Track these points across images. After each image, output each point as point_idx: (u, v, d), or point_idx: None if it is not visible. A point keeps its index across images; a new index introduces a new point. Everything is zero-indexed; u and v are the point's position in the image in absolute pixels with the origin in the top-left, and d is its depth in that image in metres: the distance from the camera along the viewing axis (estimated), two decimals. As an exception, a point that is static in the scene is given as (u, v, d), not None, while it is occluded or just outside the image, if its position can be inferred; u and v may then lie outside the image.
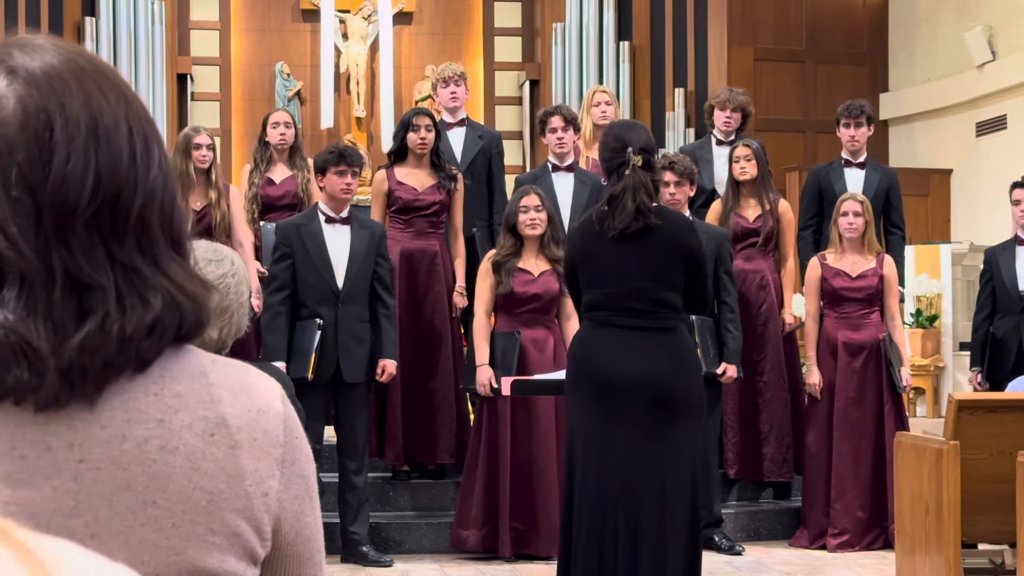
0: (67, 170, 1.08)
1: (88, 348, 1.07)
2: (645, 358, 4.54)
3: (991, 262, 7.61)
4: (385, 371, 6.63)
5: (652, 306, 4.59)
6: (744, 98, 7.96)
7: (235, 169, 11.67)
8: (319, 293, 6.54)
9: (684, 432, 4.57)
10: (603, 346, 4.60)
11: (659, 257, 4.61)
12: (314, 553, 1.24)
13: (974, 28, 11.40)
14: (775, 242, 7.44)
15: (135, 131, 1.13)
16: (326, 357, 6.49)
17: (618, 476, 4.52)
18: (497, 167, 7.72)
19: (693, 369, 4.68)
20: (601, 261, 4.66)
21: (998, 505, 4.86)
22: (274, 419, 1.18)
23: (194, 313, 1.14)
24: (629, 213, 4.59)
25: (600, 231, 4.66)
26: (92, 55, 1.17)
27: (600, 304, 4.65)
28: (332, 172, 6.56)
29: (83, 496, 1.08)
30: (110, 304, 1.08)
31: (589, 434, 4.57)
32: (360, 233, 6.63)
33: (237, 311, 2.98)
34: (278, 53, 13.06)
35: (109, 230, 1.10)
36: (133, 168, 1.12)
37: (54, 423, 1.08)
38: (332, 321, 6.53)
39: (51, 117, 1.09)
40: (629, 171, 4.63)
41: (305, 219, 6.70)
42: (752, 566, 6.63)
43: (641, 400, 4.51)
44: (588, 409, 4.59)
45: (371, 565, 6.57)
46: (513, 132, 13.01)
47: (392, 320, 6.68)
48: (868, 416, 7.05)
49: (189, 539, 1.11)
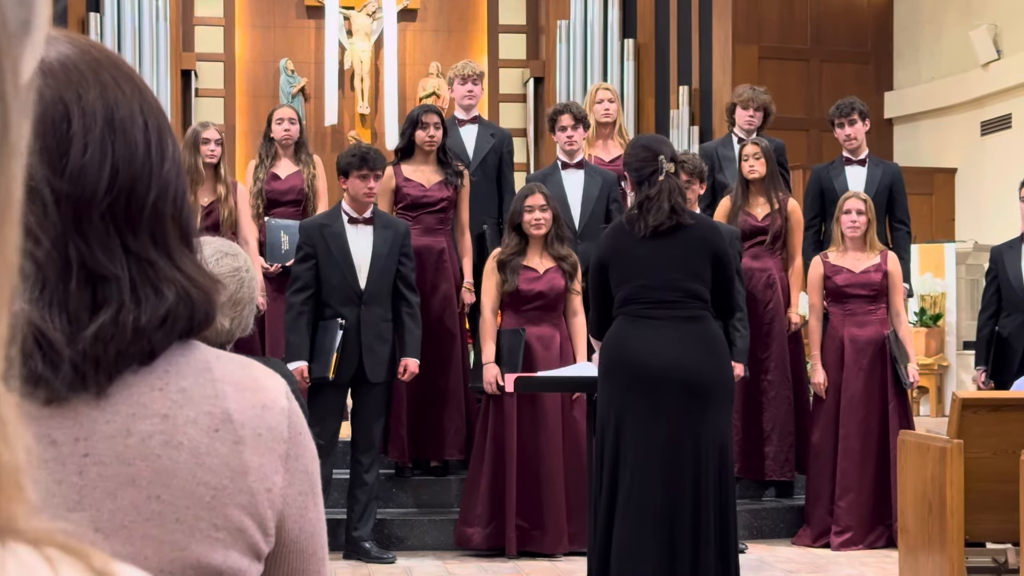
0: (84, 161, 1.08)
1: (102, 339, 1.07)
2: (679, 347, 4.71)
3: (997, 261, 7.60)
4: (407, 370, 6.65)
5: (682, 296, 4.77)
6: (766, 97, 7.96)
7: (239, 165, 11.68)
8: (342, 293, 6.57)
9: (719, 417, 4.75)
10: (638, 337, 4.75)
11: (689, 252, 4.82)
12: (317, 549, 1.24)
13: (979, 27, 11.39)
14: (783, 241, 7.44)
15: (149, 123, 1.14)
16: (348, 357, 6.51)
17: (662, 464, 4.65)
18: (507, 165, 7.74)
19: (724, 354, 4.88)
20: (632, 257, 4.82)
21: (1002, 504, 4.86)
22: (279, 415, 1.18)
23: (205, 306, 1.14)
24: (664, 212, 4.80)
25: (631, 232, 4.85)
26: (105, 47, 1.17)
27: (632, 298, 4.80)
28: (355, 176, 6.60)
29: (87, 491, 1.08)
30: (125, 295, 1.09)
31: (628, 424, 4.70)
32: (383, 233, 6.66)
33: (248, 305, 3.05)
34: (282, 49, 13.06)
35: (124, 221, 1.10)
36: (148, 160, 1.12)
37: (59, 417, 1.08)
38: (355, 321, 6.56)
39: (68, 108, 1.09)
40: (663, 177, 4.84)
41: (328, 219, 6.74)
42: (755, 564, 6.63)
43: (677, 388, 4.66)
44: (625, 399, 4.72)
45: (373, 561, 6.58)
46: (517, 129, 13.00)
47: (416, 319, 6.70)
48: (873, 413, 7.05)
49: (193, 534, 1.11)
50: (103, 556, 0.57)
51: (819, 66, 12.30)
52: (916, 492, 5.14)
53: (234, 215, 7.10)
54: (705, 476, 4.67)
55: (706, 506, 4.68)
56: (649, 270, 4.79)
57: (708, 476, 4.69)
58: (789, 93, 12.09)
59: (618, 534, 4.70)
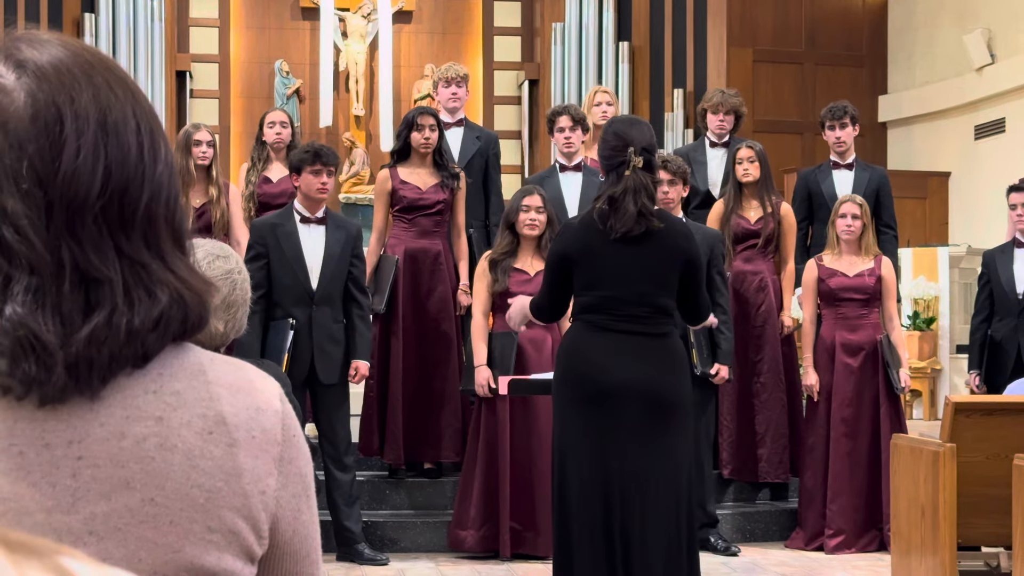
0: (77, 163, 1.08)
1: (95, 341, 1.07)
2: (640, 362, 4.51)
3: (989, 265, 7.62)
4: (358, 372, 6.60)
5: (651, 311, 4.56)
6: (737, 100, 7.97)
7: (233, 166, 11.67)
8: (293, 294, 6.50)
9: (679, 435, 4.58)
10: (598, 350, 4.54)
11: (660, 262, 4.58)
12: (311, 552, 1.24)
13: (973, 31, 11.40)
14: (775, 244, 7.46)
15: (142, 126, 1.14)
16: (300, 358, 6.46)
17: (618, 481, 4.48)
18: (494, 168, 7.72)
19: (684, 372, 4.68)
20: (602, 263, 4.58)
21: (994, 508, 4.86)
22: (272, 417, 1.19)
23: (198, 308, 1.14)
24: (631, 216, 4.53)
25: (603, 230, 4.58)
26: (96, 50, 1.17)
27: (597, 307, 4.57)
28: (308, 171, 6.50)
29: (81, 493, 1.08)
30: (118, 297, 1.09)
31: (584, 439, 4.51)
32: (335, 234, 6.58)
33: (241, 307, 3.03)
34: (277, 51, 13.06)
35: (117, 224, 1.10)
36: (141, 162, 1.12)
37: (53, 420, 1.08)
38: (306, 322, 6.49)
39: (61, 111, 1.09)
40: (629, 171, 4.55)
41: (280, 218, 6.64)
42: (748, 567, 6.63)
43: (637, 404, 4.48)
44: (582, 413, 4.54)
45: (367, 563, 6.57)
46: (512, 132, 13.01)
47: (367, 321, 6.65)
48: (865, 417, 7.06)
49: (187, 537, 1.11)
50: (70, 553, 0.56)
51: (813, 69, 12.31)
52: (909, 496, 5.15)
53: (226, 216, 7.10)
54: (675, 495, 4.50)
55: (683, 524, 4.52)
56: (618, 280, 4.54)
57: (680, 494, 4.52)
58: (783, 96, 12.11)
59: (578, 557, 4.52)
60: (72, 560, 0.55)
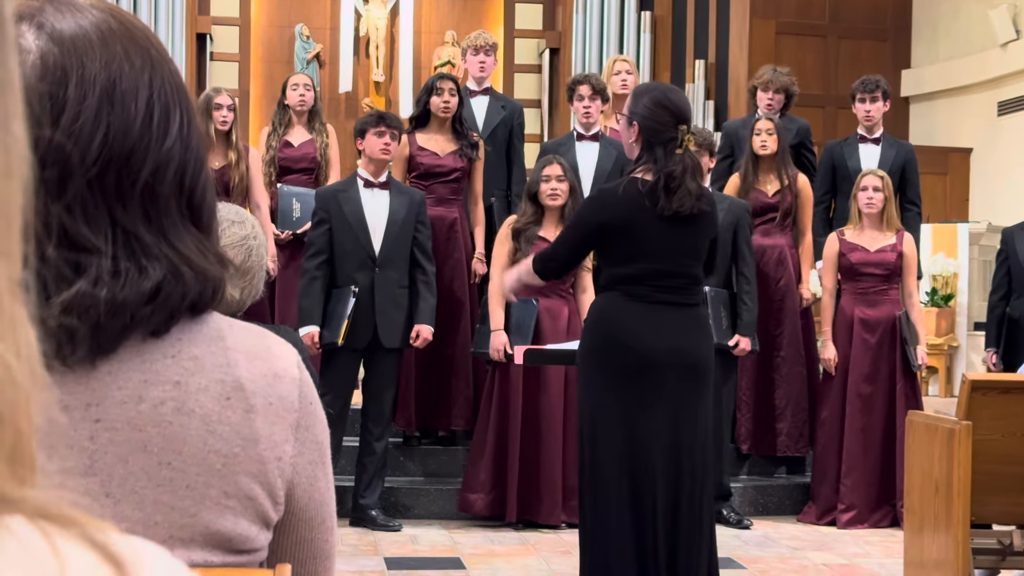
0: (74, 128, 1.08)
1: (71, 310, 1.06)
2: (678, 332, 4.53)
3: (1008, 242, 7.57)
4: (420, 336, 6.63)
5: (688, 282, 4.59)
6: (788, 79, 7.92)
7: (252, 130, 11.66)
8: (355, 258, 6.56)
9: (708, 401, 4.65)
10: (638, 320, 4.52)
11: (699, 236, 4.60)
12: (326, 518, 1.24)
13: (999, 6, 11.31)
14: (793, 217, 7.43)
15: (156, 97, 1.13)
16: (362, 323, 6.50)
17: (656, 449, 4.50)
18: (517, 138, 7.71)
19: (711, 340, 4.76)
20: (646, 237, 4.51)
21: (1009, 486, 4.86)
22: (290, 384, 1.19)
23: (198, 286, 1.13)
24: (692, 196, 4.49)
25: (651, 207, 4.49)
26: (131, 18, 1.17)
27: (637, 279, 4.52)
28: (371, 132, 6.60)
29: (99, 456, 1.09)
30: (104, 268, 1.08)
31: (619, 407, 4.51)
32: (399, 199, 6.65)
33: (258, 273, 3.03)
34: (298, 15, 13.02)
35: (114, 193, 1.10)
36: (147, 134, 1.12)
37: (71, 383, 1.08)
38: (368, 286, 6.54)
39: (67, 75, 1.09)
40: (682, 151, 4.49)
41: (344, 185, 6.75)
42: (759, 540, 6.64)
43: (675, 373, 4.50)
44: (619, 382, 4.52)
45: (380, 529, 6.61)
46: (532, 100, 12.96)
47: (432, 287, 6.68)
48: (881, 393, 7.04)
49: (203, 501, 1.12)
50: (101, 526, 0.56)
51: (836, 42, 12.23)
52: (923, 473, 5.14)
53: (245, 181, 7.11)
54: (703, 463, 4.56)
55: (707, 493, 4.60)
56: (662, 254, 4.51)
57: (706, 462, 4.58)
58: (806, 69, 12.02)
59: (606, 525, 4.52)
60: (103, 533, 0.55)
